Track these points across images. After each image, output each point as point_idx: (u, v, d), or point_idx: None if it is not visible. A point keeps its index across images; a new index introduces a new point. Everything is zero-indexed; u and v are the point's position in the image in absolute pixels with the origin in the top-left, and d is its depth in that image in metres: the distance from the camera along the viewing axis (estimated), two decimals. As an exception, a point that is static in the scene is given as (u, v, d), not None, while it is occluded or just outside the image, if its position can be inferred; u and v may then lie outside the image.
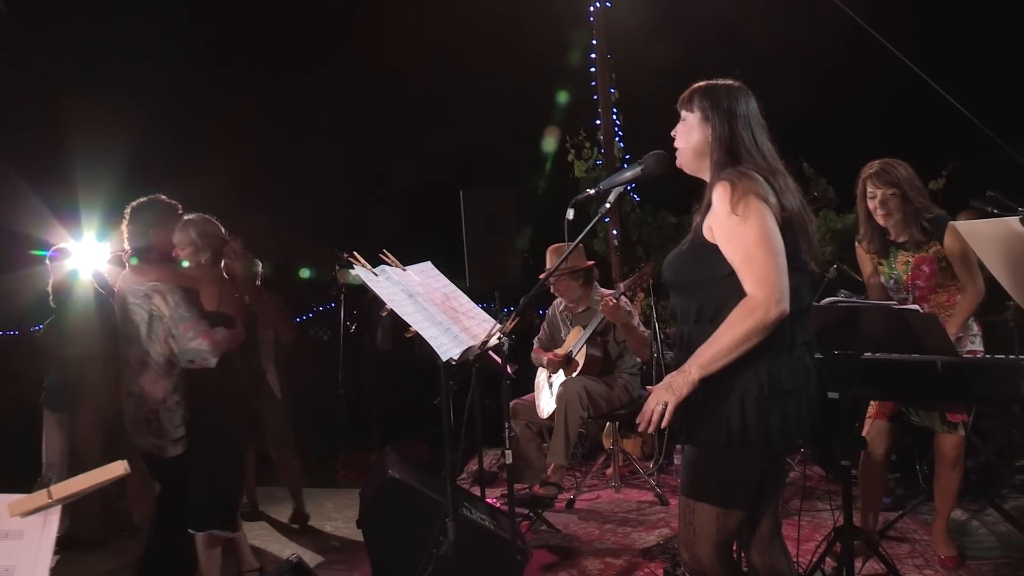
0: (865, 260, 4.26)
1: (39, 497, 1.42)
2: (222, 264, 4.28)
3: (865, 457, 4.27)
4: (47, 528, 1.41)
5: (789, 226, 2.49)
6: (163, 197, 4.12)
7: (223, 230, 4.23)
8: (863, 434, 4.26)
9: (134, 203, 4.06)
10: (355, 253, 3.08)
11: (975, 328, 4.09)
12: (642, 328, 5.67)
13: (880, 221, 4.05)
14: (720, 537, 2.56)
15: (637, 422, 2.54)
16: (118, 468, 1.45)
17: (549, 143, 9.39)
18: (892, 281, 4.14)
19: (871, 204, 4.03)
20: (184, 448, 3.95)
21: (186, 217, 4.16)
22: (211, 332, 3.89)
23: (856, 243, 4.30)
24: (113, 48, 10.41)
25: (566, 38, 9.22)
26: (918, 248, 4.03)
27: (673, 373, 2.49)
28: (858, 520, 4.32)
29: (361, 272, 3.04)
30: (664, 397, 2.46)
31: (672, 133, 2.71)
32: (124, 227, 4.07)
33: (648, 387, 2.57)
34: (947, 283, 4.04)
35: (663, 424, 2.47)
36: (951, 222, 3.93)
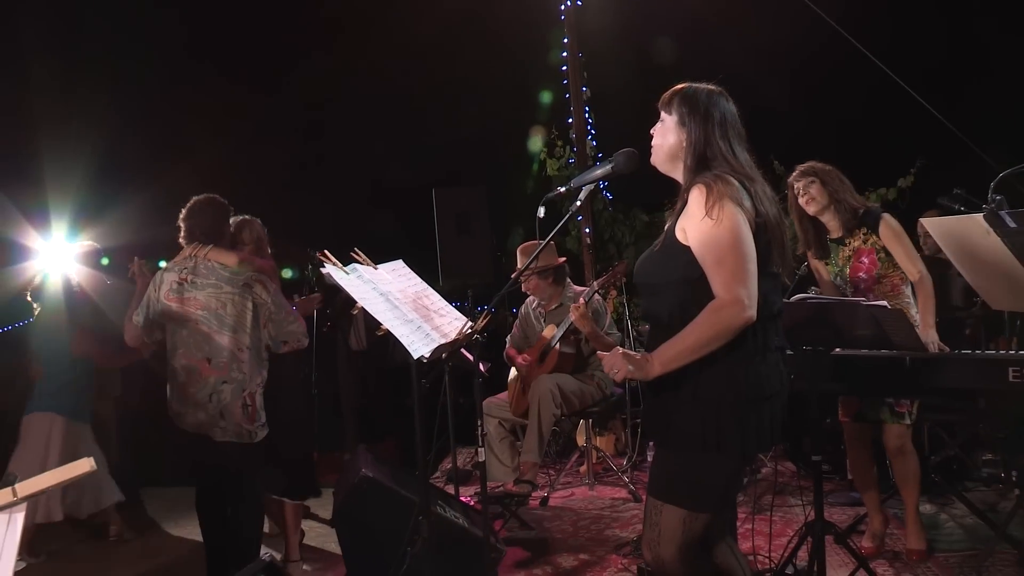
0: (819, 265, 4.40)
1: (4, 495, 1.41)
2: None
3: (851, 462, 4.38)
4: (12, 526, 1.39)
5: (763, 232, 2.50)
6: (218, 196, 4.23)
7: None
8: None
9: (198, 199, 4.15)
10: (326, 252, 3.07)
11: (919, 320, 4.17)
12: (611, 334, 5.64)
13: (809, 210, 4.21)
14: (685, 539, 2.56)
15: (604, 364, 2.58)
16: (84, 465, 1.43)
17: (522, 142, 9.39)
18: (838, 278, 4.24)
19: (801, 201, 4.21)
20: (267, 430, 4.11)
21: (243, 216, 4.46)
22: (300, 316, 4.26)
23: (807, 254, 4.41)
24: (84, 45, 10.30)
25: (537, 37, 9.22)
26: (851, 235, 4.18)
27: (640, 356, 2.49)
28: (867, 534, 4.40)
29: (332, 271, 3.03)
30: (621, 366, 2.48)
31: (651, 131, 2.72)
32: (184, 221, 4.13)
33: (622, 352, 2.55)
34: (888, 272, 4.15)
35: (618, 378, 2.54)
36: (885, 214, 4.06)
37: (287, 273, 5.37)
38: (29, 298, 5.46)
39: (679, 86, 2.67)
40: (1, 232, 6.26)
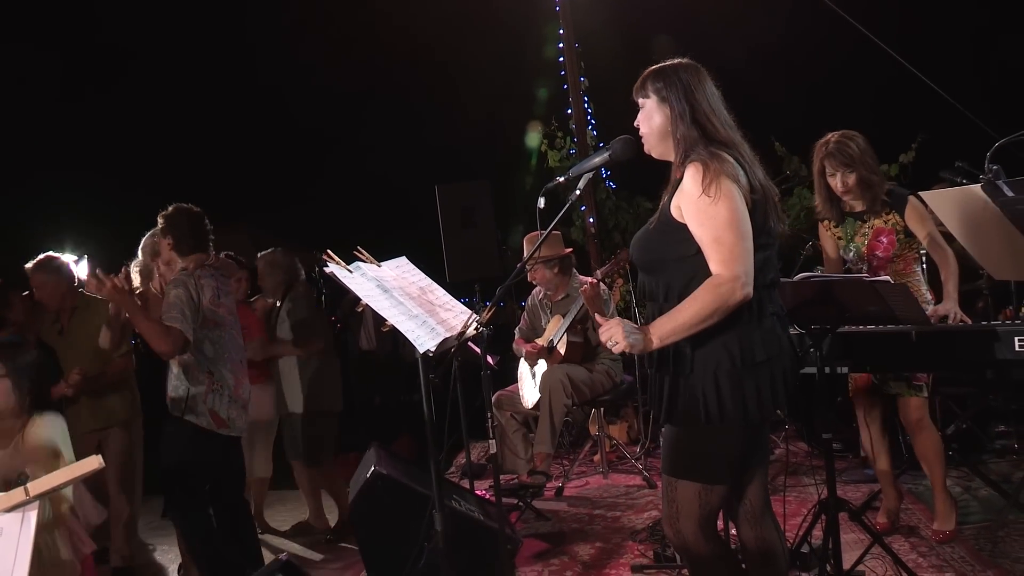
0: (827, 239, 4.31)
1: (17, 494, 1.44)
2: None
3: (864, 440, 4.37)
4: (26, 524, 1.43)
5: (759, 206, 2.51)
6: None
7: None
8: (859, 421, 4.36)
9: (182, 208, 4.15)
10: (328, 251, 3.08)
11: (929, 296, 4.15)
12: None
13: (839, 193, 4.10)
14: (703, 513, 2.59)
15: (601, 332, 2.52)
16: (93, 463, 1.46)
17: (523, 135, 9.41)
18: (852, 253, 4.19)
19: (831, 181, 4.08)
20: None
21: None
22: None
23: (819, 223, 4.35)
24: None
25: (534, 30, 9.24)
26: (876, 216, 4.10)
27: (638, 329, 2.47)
28: (882, 510, 4.39)
29: (336, 270, 3.05)
30: (620, 336, 2.43)
31: (635, 123, 2.73)
32: (174, 230, 4.13)
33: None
34: (904, 252, 4.11)
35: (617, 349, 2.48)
36: (912, 195, 4.01)
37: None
38: None
39: (646, 71, 2.68)
40: None
